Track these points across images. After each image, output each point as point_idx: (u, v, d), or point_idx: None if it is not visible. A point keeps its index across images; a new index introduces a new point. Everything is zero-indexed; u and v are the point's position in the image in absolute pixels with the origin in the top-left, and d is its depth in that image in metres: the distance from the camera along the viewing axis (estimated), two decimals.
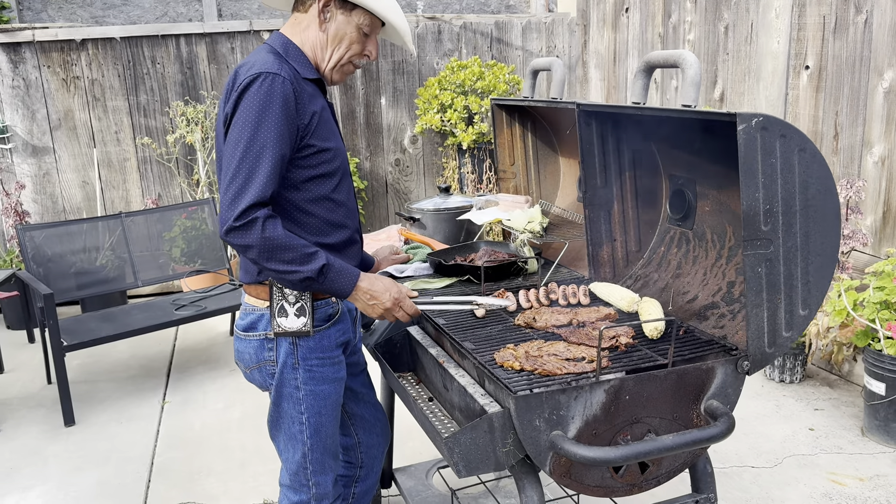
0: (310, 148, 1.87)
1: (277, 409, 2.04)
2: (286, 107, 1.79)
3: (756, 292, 1.76)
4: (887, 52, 3.50)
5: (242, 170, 1.77)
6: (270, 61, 1.84)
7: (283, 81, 1.80)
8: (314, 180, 1.91)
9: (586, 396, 1.69)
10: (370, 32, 1.97)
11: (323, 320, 1.99)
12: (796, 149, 1.70)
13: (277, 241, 1.78)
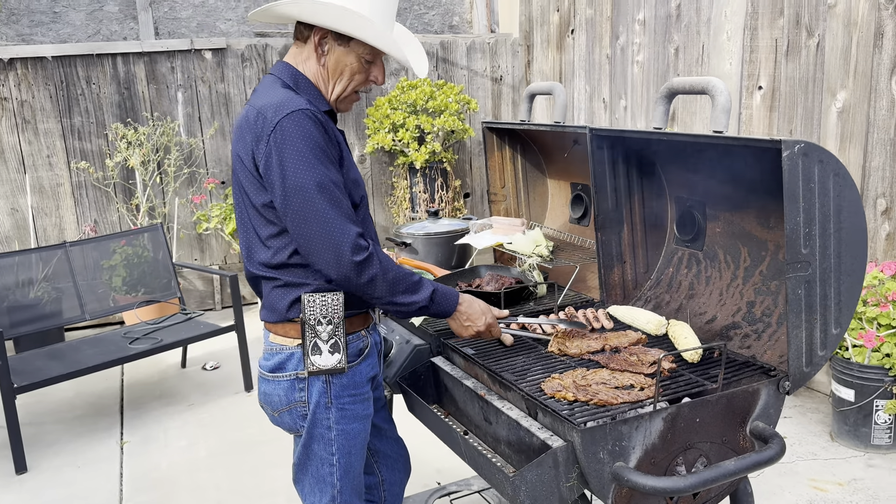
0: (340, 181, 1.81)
1: (307, 452, 1.95)
2: (326, 140, 1.76)
3: (796, 313, 1.80)
4: (839, 74, 3.69)
5: (325, 213, 1.72)
6: (293, 97, 1.78)
7: (313, 115, 1.75)
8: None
9: (646, 425, 1.68)
10: (373, 59, 1.90)
11: (355, 355, 1.92)
12: (832, 173, 1.76)
13: (392, 268, 1.80)
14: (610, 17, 5.23)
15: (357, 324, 1.93)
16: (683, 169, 2.36)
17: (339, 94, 1.89)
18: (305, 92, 1.85)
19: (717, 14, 4.34)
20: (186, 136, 5.69)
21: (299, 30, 1.88)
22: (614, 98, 5.31)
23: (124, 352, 4.03)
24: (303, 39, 1.88)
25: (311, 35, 1.85)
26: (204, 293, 5.94)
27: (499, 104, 6.49)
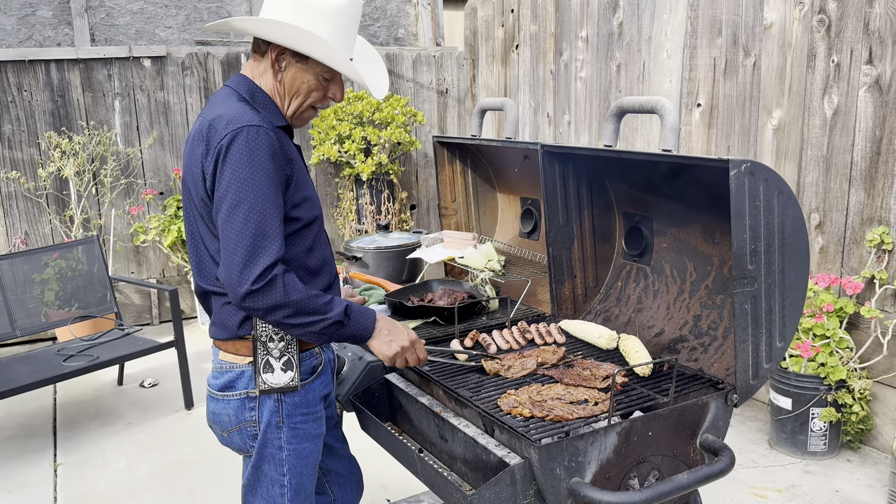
0: (292, 199, 1.78)
1: (257, 473, 1.90)
2: (275, 159, 1.72)
3: (743, 328, 1.85)
4: (775, 93, 3.83)
5: (248, 232, 1.67)
6: (246, 112, 1.74)
7: (266, 133, 1.71)
8: (299, 231, 1.82)
9: (601, 440, 1.70)
10: (332, 77, 1.86)
11: (308, 373, 1.89)
12: (776, 192, 1.81)
13: (300, 293, 1.70)
14: (554, 34, 5.31)
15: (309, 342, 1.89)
16: (631, 185, 2.41)
17: (295, 111, 1.86)
18: (262, 106, 1.82)
19: (657, 33, 4.45)
20: (124, 145, 5.53)
21: (257, 44, 1.85)
22: (558, 113, 5.39)
23: (58, 369, 3.88)
24: (260, 53, 1.85)
25: (268, 50, 1.82)
26: (141, 307, 5.76)
27: (444, 116, 6.51)
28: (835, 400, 3.42)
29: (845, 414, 3.44)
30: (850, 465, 3.45)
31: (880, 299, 3.45)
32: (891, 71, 3.31)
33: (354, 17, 1.87)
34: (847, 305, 3.48)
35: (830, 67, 3.56)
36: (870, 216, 3.47)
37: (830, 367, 3.40)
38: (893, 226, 3.38)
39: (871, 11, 3.36)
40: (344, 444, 2.20)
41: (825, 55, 3.57)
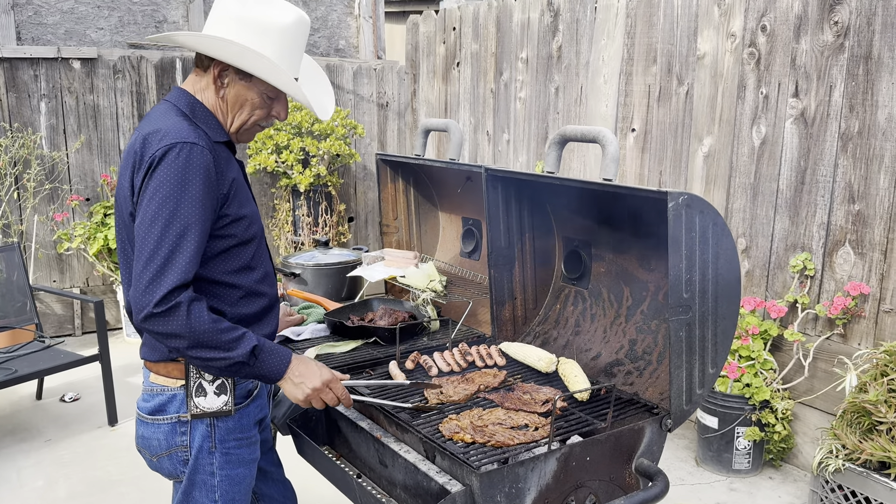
0: (226, 217, 1.74)
1: (187, 499, 1.85)
2: (207, 179, 1.66)
3: (678, 354, 1.90)
4: (706, 121, 3.97)
5: (161, 250, 1.61)
6: (183, 128, 1.69)
7: (201, 151, 1.67)
8: (232, 250, 1.77)
9: (541, 466, 1.71)
10: (276, 96, 1.83)
11: (243, 397, 1.86)
12: (711, 223, 1.87)
13: (204, 326, 1.62)
14: (495, 54, 5.37)
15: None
16: (571, 211, 2.45)
17: (238, 127, 1.83)
18: (202, 121, 1.78)
19: (595, 58, 4.56)
20: (49, 149, 5.31)
21: (200, 59, 1.81)
22: (497, 131, 5.45)
23: None
24: (203, 68, 1.81)
25: (211, 66, 1.78)
26: (63, 317, 5.53)
27: (385, 129, 6.50)
28: (759, 419, 3.54)
29: (768, 433, 3.57)
30: (773, 482, 3.58)
31: (802, 323, 3.60)
32: (815, 104, 3.48)
33: (301, 35, 1.85)
34: (771, 328, 3.62)
35: (759, 99, 3.71)
36: (794, 243, 3.63)
37: (755, 387, 3.52)
38: (816, 252, 3.53)
39: (797, 47, 3.52)
40: (278, 468, 2.16)
41: (755, 87, 3.72)
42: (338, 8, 6.71)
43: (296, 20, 1.80)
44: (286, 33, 1.79)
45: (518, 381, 2.15)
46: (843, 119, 3.38)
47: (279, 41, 1.78)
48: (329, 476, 2.01)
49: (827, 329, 3.53)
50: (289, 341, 2.42)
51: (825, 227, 3.49)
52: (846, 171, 3.39)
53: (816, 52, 3.45)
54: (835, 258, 3.47)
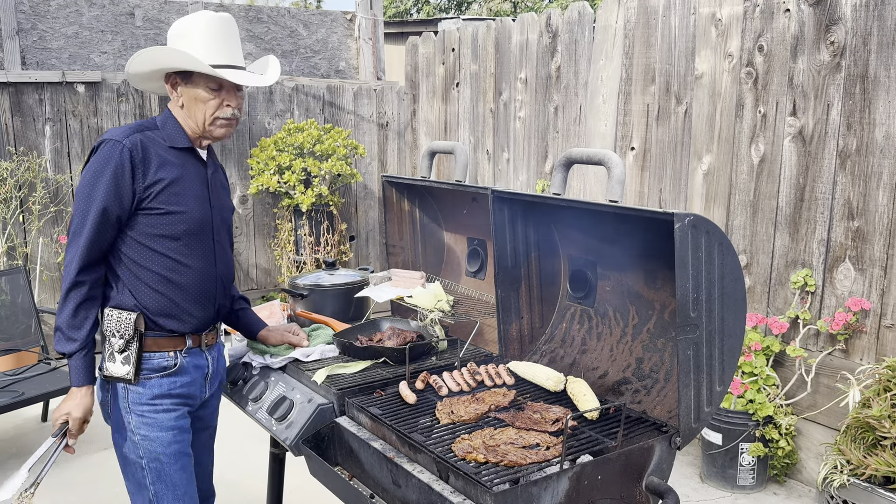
0: (156, 209, 2.05)
1: (120, 454, 2.16)
2: (118, 172, 1.99)
3: (686, 373, 1.93)
4: (705, 140, 4.02)
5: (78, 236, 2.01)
6: (123, 130, 2.06)
7: (122, 149, 2.00)
8: (156, 239, 2.07)
9: (554, 485, 1.74)
10: (219, 87, 2.09)
11: (154, 370, 2.11)
12: (716, 243, 1.91)
13: (67, 312, 2.02)
14: (494, 74, 5.44)
15: (164, 344, 2.12)
16: (576, 230, 2.49)
17: (202, 126, 2.11)
18: (168, 130, 2.11)
19: (593, 78, 4.62)
20: (54, 172, 5.35)
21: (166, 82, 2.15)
22: (497, 150, 5.51)
23: None
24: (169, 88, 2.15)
25: (168, 84, 2.13)
26: None
27: (385, 149, 6.55)
28: (762, 435, 3.56)
29: (772, 449, 3.59)
30: (777, 498, 3.60)
31: (804, 339, 3.63)
32: (813, 123, 3.53)
33: (222, 28, 2.10)
34: (773, 344, 3.65)
35: (757, 117, 3.76)
36: (794, 259, 3.67)
37: (758, 403, 3.55)
38: (816, 269, 3.57)
39: (794, 67, 3.58)
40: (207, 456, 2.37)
41: (752, 106, 3.78)
42: (338, 30, 6.78)
43: (209, 19, 2.09)
44: (205, 31, 2.07)
45: (528, 401, 2.18)
46: (841, 137, 3.43)
47: (201, 39, 2.06)
48: (342, 496, 2.02)
49: (829, 344, 3.56)
50: (298, 362, 2.44)
51: (825, 243, 3.53)
52: (845, 188, 3.44)
53: (814, 72, 3.51)
54: (835, 274, 3.51)
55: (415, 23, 9.14)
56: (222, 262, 2.24)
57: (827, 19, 3.43)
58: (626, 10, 4.37)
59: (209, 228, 2.16)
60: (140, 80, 2.19)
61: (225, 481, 3.59)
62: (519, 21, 5.20)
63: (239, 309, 2.50)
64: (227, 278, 2.28)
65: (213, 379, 2.28)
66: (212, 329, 2.26)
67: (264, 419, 2.29)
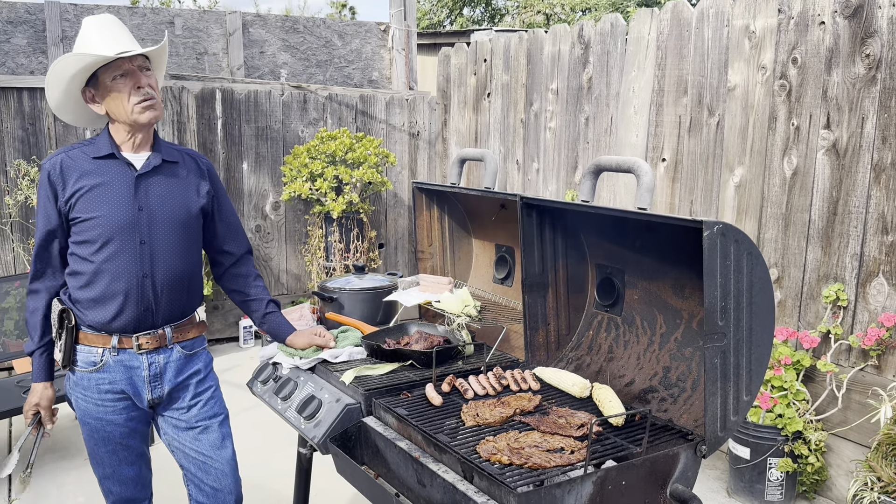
0: (76, 218, 2.22)
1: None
2: (43, 192, 2.24)
3: (713, 381, 1.93)
4: (737, 152, 4.00)
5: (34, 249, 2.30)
6: (58, 150, 2.31)
7: (44, 172, 2.24)
8: (78, 244, 2.23)
9: (578, 489, 1.75)
10: (123, 74, 2.19)
11: (85, 363, 2.28)
12: (745, 252, 1.91)
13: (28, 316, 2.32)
14: (525, 85, 5.47)
15: (93, 340, 2.27)
16: (604, 238, 2.50)
17: (128, 117, 2.22)
18: (95, 141, 2.28)
19: (625, 89, 4.62)
20: None
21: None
22: (527, 160, 5.53)
23: (18, 401, 3.79)
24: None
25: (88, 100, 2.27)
26: None
27: (416, 158, 6.61)
28: (791, 451, 3.52)
29: (801, 465, 3.55)
30: None
31: (835, 354, 3.58)
32: (847, 136, 3.50)
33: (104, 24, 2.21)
34: (804, 359, 3.61)
35: (790, 130, 3.74)
36: (826, 273, 3.63)
37: (787, 418, 3.51)
38: (848, 283, 3.53)
39: (829, 79, 3.55)
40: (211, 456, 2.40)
41: (786, 118, 3.76)
42: (372, 41, 6.87)
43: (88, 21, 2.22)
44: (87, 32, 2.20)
45: (553, 406, 2.19)
46: (876, 150, 3.40)
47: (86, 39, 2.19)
48: (368, 494, 2.05)
49: (861, 360, 3.51)
50: (326, 363, 2.48)
51: (858, 257, 3.49)
52: (879, 202, 3.40)
53: (848, 85, 3.48)
54: (868, 289, 3.47)
55: (447, 34, 9.22)
56: (158, 263, 2.27)
57: (863, 32, 3.41)
58: (658, 21, 4.38)
59: (133, 231, 2.23)
60: (64, 110, 2.30)
61: (253, 482, 3.64)
62: (551, 32, 5.23)
63: (268, 312, 2.55)
64: (164, 280, 2.29)
65: (159, 381, 2.35)
66: (151, 333, 2.30)
67: (293, 417, 2.33)
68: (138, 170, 2.26)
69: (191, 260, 2.35)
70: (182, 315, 2.37)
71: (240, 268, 2.50)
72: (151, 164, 2.28)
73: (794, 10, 3.68)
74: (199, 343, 2.44)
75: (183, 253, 2.32)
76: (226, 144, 5.90)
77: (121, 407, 2.33)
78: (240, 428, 4.36)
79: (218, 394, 2.48)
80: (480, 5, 16.39)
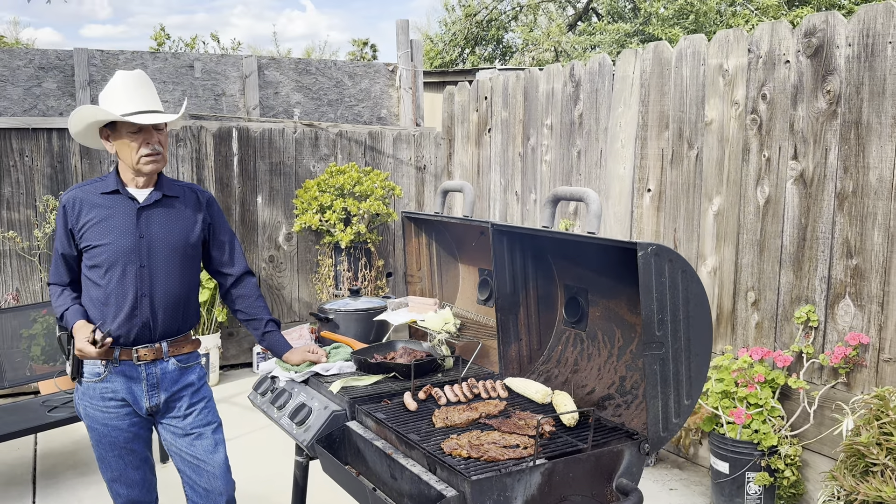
0: (87, 245, 2.56)
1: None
2: (60, 222, 2.61)
3: (653, 386, 2.16)
4: (715, 182, 4.25)
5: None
6: (73, 187, 2.63)
7: (61, 206, 2.60)
8: (90, 269, 2.57)
9: (527, 479, 1.98)
10: (137, 130, 2.52)
11: (91, 374, 2.59)
12: (679, 270, 2.16)
13: (53, 299, 2.68)
14: (522, 120, 5.77)
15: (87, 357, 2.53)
16: (570, 261, 2.75)
17: (132, 164, 2.55)
18: (105, 179, 2.62)
19: (612, 125, 4.90)
20: None
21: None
22: (525, 191, 5.80)
23: (43, 419, 4.09)
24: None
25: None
26: None
27: (422, 190, 6.91)
28: (768, 465, 3.70)
29: (778, 478, 3.72)
30: None
31: (808, 372, 3.78)
32: (813, 166, 3.73)
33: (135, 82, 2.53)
34: (778, 377, 3.80)
35: (762, 161, 3.98)
36: (798, 295, 3.84)
37: (763, 433, 3.69)
38: (818, 305, 3.74)
39: (795, 114, 3.80)
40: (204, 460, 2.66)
41: (758, 150, 4.00)
42: (380, 81, 7.24)
43: (123, 76, 2.52)
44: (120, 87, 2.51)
45: (516, 410, 2.43)
46: (839, 180, 3.62)
47: (118, 94, 2.50)
48: (349, 490, 2.29)
49: (832, 378, 3.70)
50: (318, 376, 2.75)
51: (826, 280, 3.70)
52: (843, 228, 3.62)
53: (812, 119, 3.73)
54: (836, 310, 3.67)
55: (454, 72, 9.61)
56: (157, 285, 2.59)
57: (823, 70, 3.66)
58: (642, 61, 4.67)
59: (134, 256, 2.55)
60: (82, 138, 2.64)
61: (257, 494, 3.89)
62: (545, 71, 5.54)
63: (267, 331, 2.83)
64: (162, 299, 2.60)
65: (156, 391, 2.62)
66: (149, 346, 2.60)
67: (286, 424, 2.59)
68: (140, 203, 2.59)
69: (186, 283, 2.67)
70: (178, 332, 2.68)
71: (239, 288, 2.79)
72: (152, 198, 2.61)
73: (762, 50, 3.95)
74: (194, 358, 2.74)
75: (179, 276, 2.63)
76: (241, 179, 6.24)
77: (123, 413, 2.61)
78: (250, 446, 4.61)
79: (211, 404, 2.76)
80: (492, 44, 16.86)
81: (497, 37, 16.51)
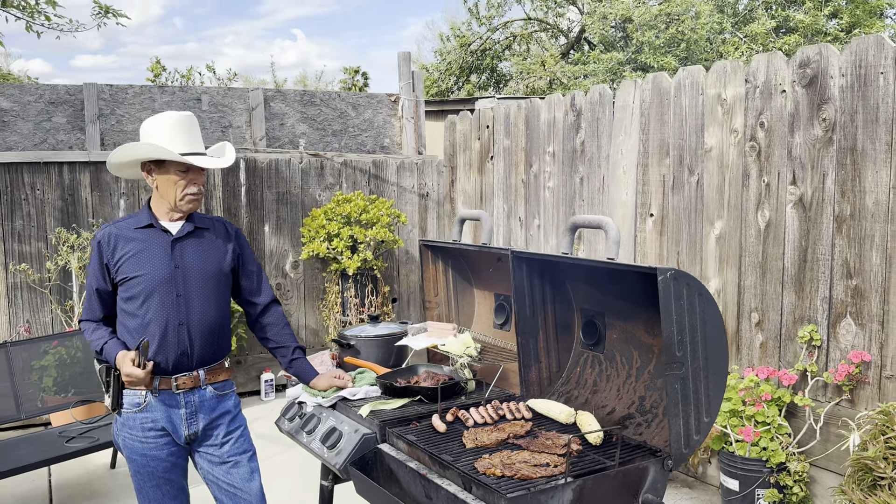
0: (124, 278, 2.65)
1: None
2: (95, 258, 2.69)
3: (674, 404, 2.26)
4: (716, 207, 4.39)
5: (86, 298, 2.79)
6: (109, 224, 2.74)
7: (96, 243, 2.68)
8: (126, 301, 2.66)
9: (559, 496, 2.07)
10: (186, 170, 2.64)
11: (132, 405, 2.65)
12: (696, 293, 2.27)
13: (87, 335, 2.73)
14: (524, 148, 5.92)
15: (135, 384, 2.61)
16: (587, 285, 2.87)
17: (174, 201, 2.66)
18: (138, 215, 2.72)
19: (614, 151, 5.05)
20: None
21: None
22: (529, 217, 5.93)
23: (61, 450, 4.14)
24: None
25: (144, 172, 2.69)
26: None
27: (425, 217, 7.04)
28: (777, 481, 3.80)
29: (787, 495, 3.82)
30: None
31: (813, 390, 3.89)
32: (811, 191, 3.88)
33: (184, 125, 2.64)
34: (784, 395, 3.91)
35: (762, 186, 4.13)
36: (801, 315, 3.96)
37: (771, 451, 3.79)
38: (820, 324, 3.86)
39: (792, 140, 3.96)
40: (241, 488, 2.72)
41: (757, 176, 4.15)
42: (383, 111, 7.39)
43: (175, 117, 2.63)
44: (172, 127, 2.62)
45: (542, 430, 2.52)
46: (837, 203, 3.77)
47: (168, 133, 2.60)
48: None
49: (836, 395, 3.81)
50: (346, 401, 2.84)
51: (827, 300, 3.83)
52: (842, 250, 3.75)
53: (809, 145, 3.88)
54: (838, 329, 3.79)
55: (454, 101, 9.80)
56: (193, 313, 2.67)
57: (819, 98, 3.82)
58: (641, 91, 4.83)
59: (170, 285, 2.64)
60: (117, 169, 2.74)
61: None
62: (546, 101, 5.70)
63: (294, 359, 2.92)
64: (198, 327, 2.69)
65: (195, 419, 2.69)
66: (187, 374, 2.68)
67: (317, 448, 2.68)
68: (174, 235, 2.70)
69: (221, 310, 2.77)
70: (214, 359, 2.76)
71: (266, 317, 2.89)
72: (185, 230, 2.72)
73: (759, 80, 4.11)
74: (229, 386, 2.82)
75: (214, 304, 2.74)
76: (249, 209, 6.35)
77: (162, 443, 2.67)
78: (268, 472, 4.66)
79: (246, 432, 2.82)
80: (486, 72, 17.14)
81: (491, 65, 16.80)
